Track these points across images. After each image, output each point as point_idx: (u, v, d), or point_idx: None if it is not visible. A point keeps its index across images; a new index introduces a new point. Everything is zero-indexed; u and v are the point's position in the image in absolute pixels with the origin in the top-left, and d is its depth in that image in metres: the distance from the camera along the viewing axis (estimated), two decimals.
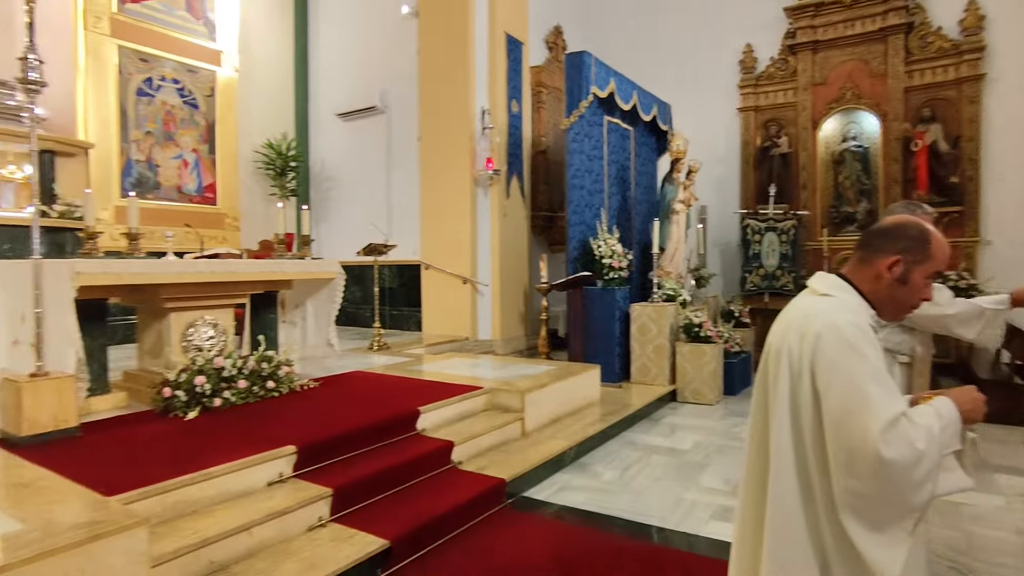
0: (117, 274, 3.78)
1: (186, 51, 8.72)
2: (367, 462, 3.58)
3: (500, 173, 7.97)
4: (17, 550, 2.13)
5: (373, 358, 6.48)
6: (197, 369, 4.02)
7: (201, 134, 8.90)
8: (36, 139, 3.46)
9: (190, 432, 3.64)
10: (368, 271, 8.50)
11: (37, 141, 3.48)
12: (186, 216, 8.30)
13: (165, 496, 2.81)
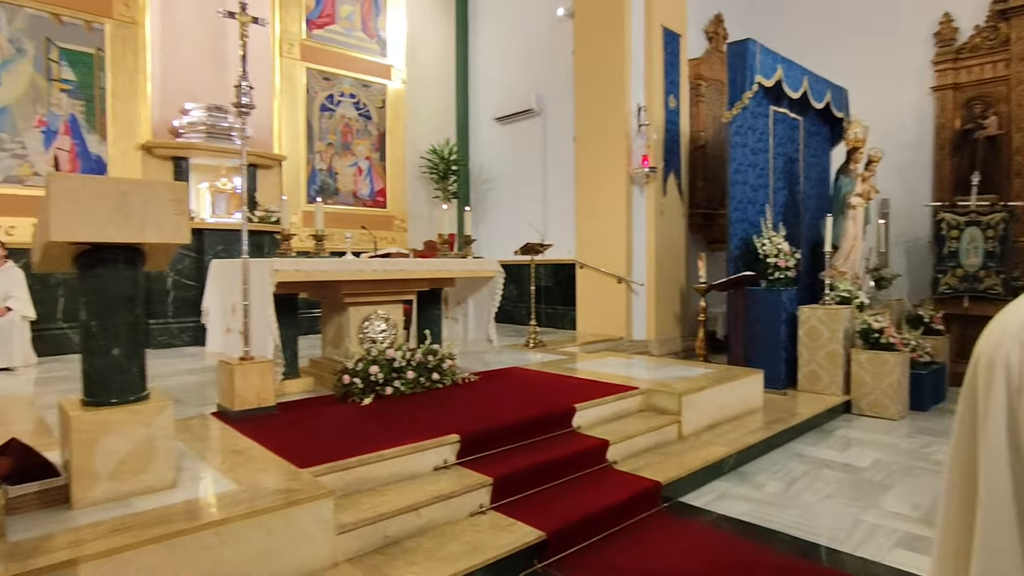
0: (307, 272, 4.24)
1: (361, 68, 9.54)
2: (525, 455, 3.68)
3: (656, 171, 7.79)
4: (233, 507, 2.49)
5: (529, 355, 6.65)
6: (372, 359, 4.40)
7: (373, 143, 9.69)
8: (246, 155, 3.98)
9: (366, 416, 3.98)
10: (524, 270, 8.73)
11: (242, 156, 3.99)
12: (361, 219, 9.09)
13: (346, 472, 3.10)
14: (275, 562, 2.50)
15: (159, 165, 7.68)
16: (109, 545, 2.17)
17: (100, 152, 7.24)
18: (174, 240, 2.58)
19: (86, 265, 2.53)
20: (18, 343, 5.90)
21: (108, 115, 7.28)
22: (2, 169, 6.66)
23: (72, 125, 7.09)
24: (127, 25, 7.42)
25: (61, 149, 6.98)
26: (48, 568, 2.04)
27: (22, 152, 6.78)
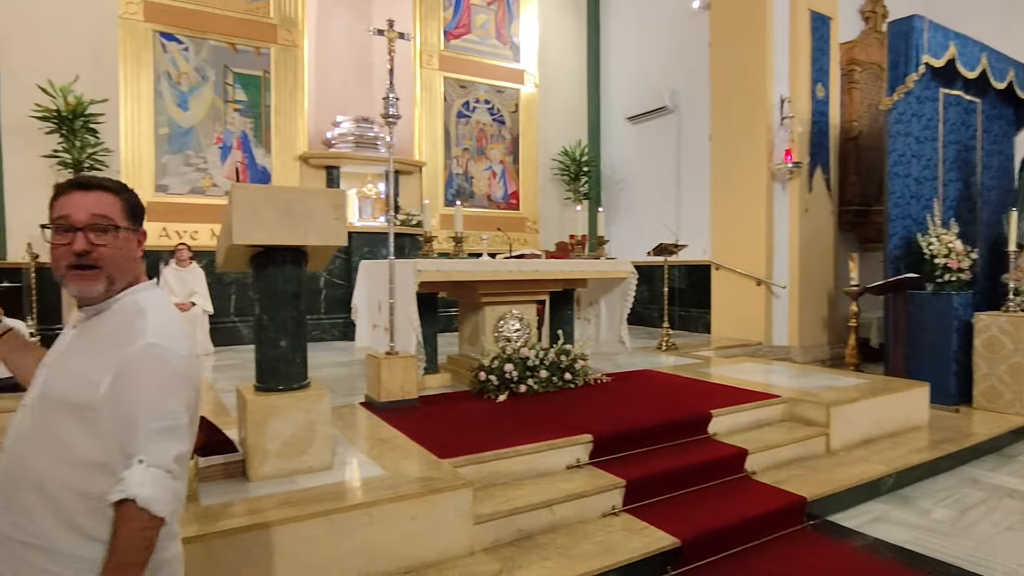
0: (446, 272, 4.45)
1: (495, 74, 9.82)
2: (658, 459, 3.61)
3: (801, 166, 7.30)
4: (382, 491, 2.67)
5: (662, 358, 6.49)
6: (506, 357, 4.52)
7: (507, 147, 9.94)
8: (392, 162, 4.25)
9: (501, 413, 4.10)
10: (656, 271, 8.54)
11: (387, 163, 4.27)
12: (494, 221, 9.34)
13: (483, 465, 3.22)
14: (418, 545, 2.65)
15: (314, 174, 8.39)
16: (281, 515, 2.42)
17: (265, 164, 8.06)
18: (333, 242, 2.82)
19: (259, 265, 2.84)
20: (199, 334, 6.71)
21: (272, 130, 8.08)
22: (188, 181, 7.61)
23: (243, 140, 7.95)
24: (289, 48, 8.19)
25: (240, 162, 7.86)
26: (230, 531, 2.32)
27: (204, 166, 7.71)
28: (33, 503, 1.25)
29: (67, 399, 1.27)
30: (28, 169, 6.95)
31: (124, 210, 1.38)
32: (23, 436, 1.30)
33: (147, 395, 1.25)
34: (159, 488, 1.21)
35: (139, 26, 7.32)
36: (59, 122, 6.78)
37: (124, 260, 1.37)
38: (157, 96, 7.43)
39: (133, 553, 1.21)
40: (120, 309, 1.36)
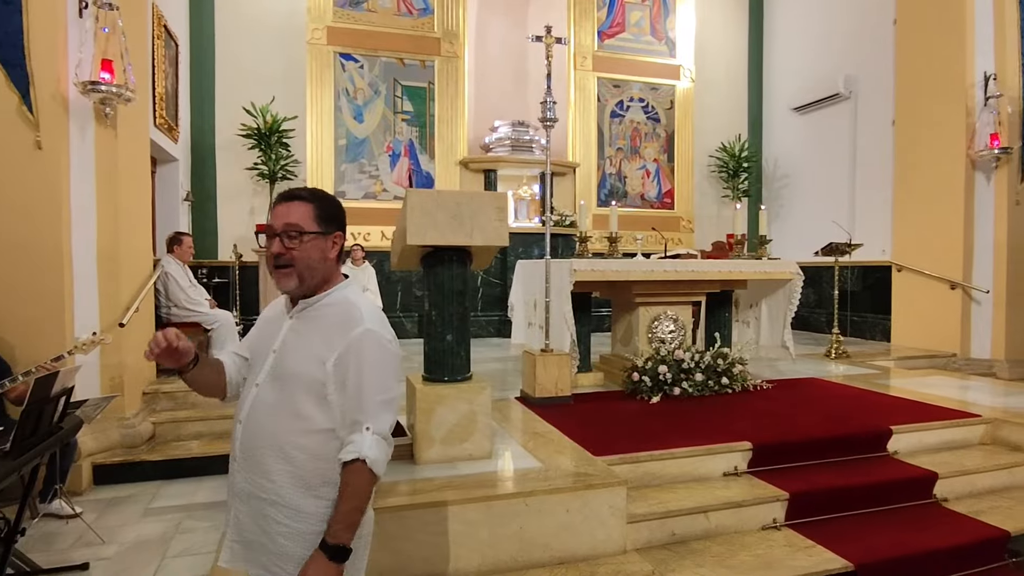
0: (601, 272, 4.48)
1: (650, 72, 9.64)
2: (826, 474, 3.36)
3: (1012, 151, 6.36)
4: (538, 482, 2.77)
5: (830, 366, 6.00)
6: (660, 359, 4.45)
7: (661, 145, 9.72)
8: (550, 165, 4.36)
9: (654, 414, 4.05)
10: (825, 272, 7.90)
11: (541, 165, 4.37)
12: (647, 221, 9.19)
13: (636, 465, 3.20)
14: (571, 538, 2.71)
15: (473, 177, 8.81)
16: (443, 498, 2.60)
17: (429, 169, 8.60)
18: (496, 243, 2.97)
19: (429, 264, 3.06)
20: None
21: (436, 138, 8.60)
22: (362, 187, 8.34)
23: (410, 148, 8.55)
24: (451, 59, 8.66)
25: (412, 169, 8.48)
26: (398, 507, 2.54)
27: (376, 173, 8.40)
28: (272, 465, 1.49)
29: (300, 376, 1.49)
30: (234, 181, 8.03)
31: (314, 217, 1.55)
32: (260, 409, 1.53)
33: (371, 372, 1.46)
34: (380, 452, 1.46)
35: (322, 49, 8.15)
36: (259, 138, 7.75)
37: (312, 261, 1.54)
38: (337, 111, 8.22)
39: (359, 501, 1.45)
40: (334, 302, 1.57)
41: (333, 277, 1.61)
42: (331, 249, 1.58)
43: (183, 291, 5.47)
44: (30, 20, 3.99)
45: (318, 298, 1.58)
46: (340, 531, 1.42)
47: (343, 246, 1.62)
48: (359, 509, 1.46)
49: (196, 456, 4.39)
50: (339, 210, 1.63)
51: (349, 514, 1.44)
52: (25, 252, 3.95)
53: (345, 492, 1.45)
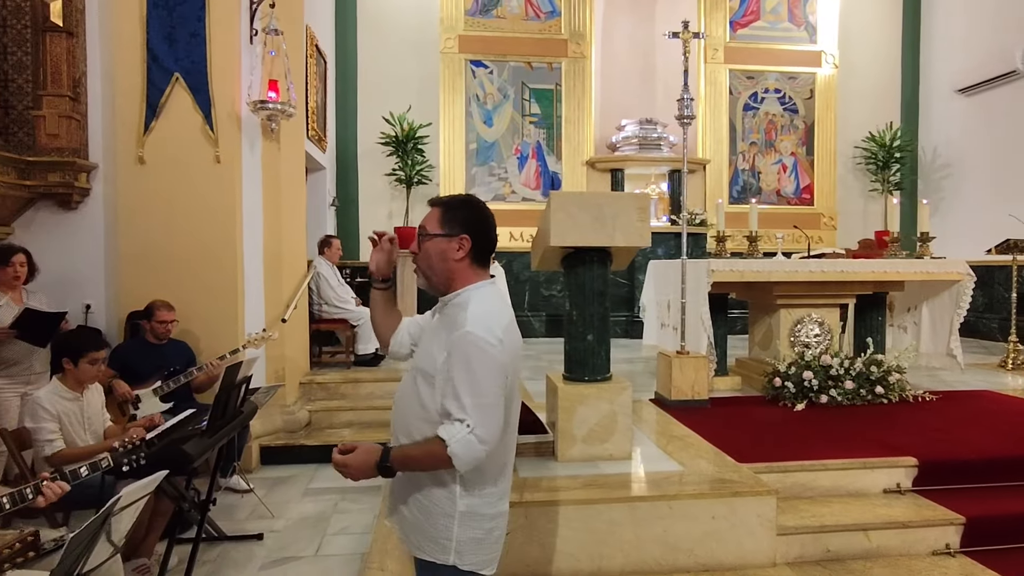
0: (740, 272, 4.31)
1: (787, 60, 9.11)
2: (1010, 499, 3.02)
3: None
4: (682, 485, 2.73)
5: (1006, 378, 5.37)
6: (805, 364, 4.20)
7: (800, 137, 9.16)
8: (686, 163, 4.27)
9: (799, 422, 3.84)
10: (997, 273, 7.07)
11: (669, 163, 4.27)
12: (783, 218, 8.70)
13: (784, 475, 3.06)
14: (717, 546, 2.64)
15: (599, 177, 8.77)
16: (587, 496, 2.64)
17: (556, 170, 8.68)
18: (638, 244, 2.96)
19: (570, 265, 3.10)
20: None
21: (563, 139, 8.67)
22: (492, 190, 8.58)
23: (538, 150, 8.68)
24: (577, 60, 8.69)
25: (540, 170, 8.63)
26: (545, 502, 2.60)
27: (504, 175, 8.61)
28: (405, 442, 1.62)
29: (423, 369, 1.62)
30: (374, 186, 8.56)
31: (439, 220, 1.64)
32: (401, 394, 1.70)
33: (462, 372, 1.50)
34: (465, 448, 1.47)
35: (455, 57, 8.48)
36: (396, 146, 8.21)
37: (432, 260, 1.64)
38: (468, 116, 8.52)
39: (418, 458, 1.54)
40: (459, 303, 1.62)
41: (463, 277, 1.64)
42: (455, 251, 1.62)
43: (333, 290, 5.92)
44: (212, 50, 4.50)
45: (448, 298, 1.65)
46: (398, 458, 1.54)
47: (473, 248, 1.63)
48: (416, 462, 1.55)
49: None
50: (470, 214, 1.66)
51: (406, 456, 1.55)
52: (208, 255, 4.46)
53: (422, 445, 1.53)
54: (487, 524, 1.60)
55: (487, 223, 1.68)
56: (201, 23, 4.49)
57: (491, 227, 1.69)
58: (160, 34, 4.46)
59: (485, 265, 1.68)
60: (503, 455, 1.63)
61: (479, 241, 1.64)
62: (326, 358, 6.28)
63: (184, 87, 4.47)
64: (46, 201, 4.48)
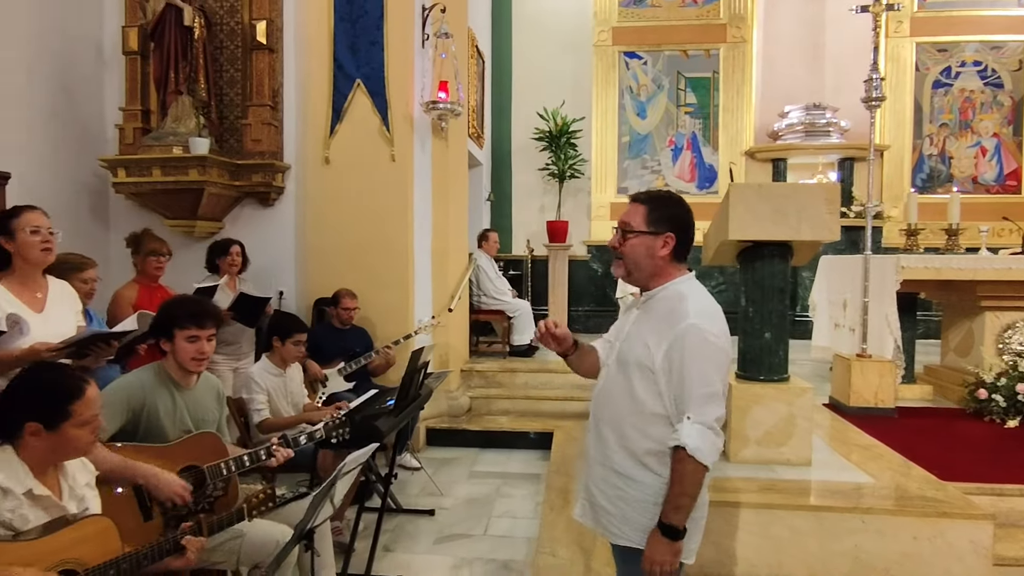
0: (937, 269, 3.87)
1: (990, 27, 8.01)
2: None
3: None
4: (877, 500, 2.52)
5: None
6: (1019, 375, 3.69)
7: (1004, 116, 8.03)
8: (873, 149, 3.91)
9: (1013, 440, 3.38)
10: None
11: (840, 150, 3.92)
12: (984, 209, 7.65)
13: (999, 499, 2.72)
14: (918, 569, 2.41)
15: (759, 168, 8.29)
16: (764, 500, 2.52)
17: (712, 162, 8.33)
18: (825, 238, 2.76)
19: (747, 259, 2.97)
20: None
21: (719, 128, 8.29)
22: (644, 183, 8.41)
23: (693, 141, 8.38)
24: (737, 45, 8.25)
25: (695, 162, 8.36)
26: (719, 503, 2.51)
27: (657, 168, 8.42)
28: (610, 436, 1.68)
29: (636, 361, 1.63)
30: (527, 181, 8.73)
31: (645, 218, 1.68)
32: (605, 388, 1.74)
33: (693, 365, 1.53)
34: (705, 441, 1.52)
35: (608, 50, 8.41)
36: (549, 141, 8.30)
37: (638, 256, 1.68)
38: (620, 109, 8.42)
39: (685, 487, 1.54)
40: (667, 296, 1.67)
41: (667, 272, 1.69)
42: (660, 248, 1.66)
43: (491, 282, 6.14)
44: (389, 56, 4.83)
45: (654, 292, 1.69)
46: (669, 511, 1.55)
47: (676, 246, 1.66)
48: (686, 494, 1.54)
49: (506, 430, 4.91)
50: (675, 212, 1.69)
51: (676, 498, 1.54)
52: (383, 248, 4.80)
53: (672, 477, 1.56)
54: (699, 512, 1.64)
55: (689, 221, 1.71)
56: (380, 31, 4.83)
57: (692, 225, 1.72)
58: (344, 44, 4.86)
59: (684, 260, 1.72)
60: None
61: (683, 238, 1.68)
62: (483, 347, 6.53)
63: (364, 92, 4.85)
64: (250, 199, 5.07)
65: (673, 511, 1.54)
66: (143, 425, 2.12)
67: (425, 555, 3.20)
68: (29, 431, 1.48)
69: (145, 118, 4.86)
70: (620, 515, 1.65)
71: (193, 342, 2.16)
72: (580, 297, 8.36)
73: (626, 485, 1.64)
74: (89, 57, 5.03)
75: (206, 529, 1.75)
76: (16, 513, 1.44)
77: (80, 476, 1.67)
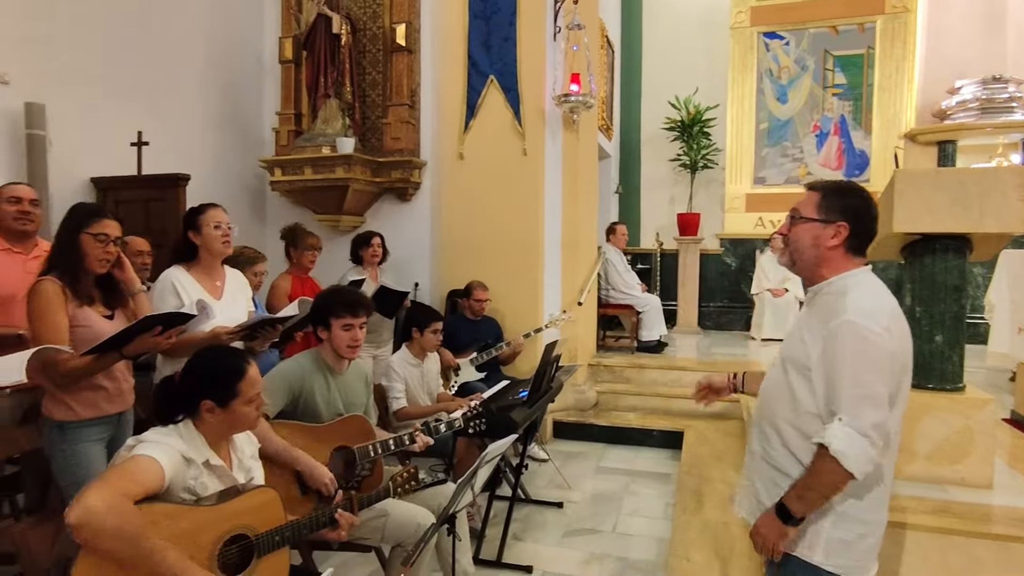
0: None
1: None
2: None
3: None
4: None
5: None
6: None
7: None
8: None
9: None
10: None
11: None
12: None
13: None
14: None
15: (920, 152, 7.46)
16: (938, 523, 2.26)
17: (864, 147, 7.62)
18: (1014, 230, 2.42)
19: (914, 254, 2.66)
20: (792, 319, 6.90)
21: (873, 110, 7.57)
22: (784, 172, 7.88)
23: (841, 125, 7.71)
24: (897, 16, 7.47)
25: (843, 147, 7.72)
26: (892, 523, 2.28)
27: (799, 156, 7.84)
28: (771, 434, 1.63)
29: (795, 360, 1.57)
30: (656, 172, 8.49)
31: (816, 205, 1.60)
32: (769, 386, 1.69)
33: (846, 364, 1.43)
34: (853, 447, 1.40)
35: (745, 32, 7.94)
36: (681, 130, 8.01)
37: (802, 244, 1.61)
38: (759, 94, 7.94)
39: (817, 484, 1.47)
40: (831, 291, 1.57)
41: (836, 264, 1.58)
42: (829, 238, 1.57)
43: (620, 275, 6.04)
44: (521, 50, 4.87)
45: (820, 286, 1.61)
46: (793, 498, 1.49)
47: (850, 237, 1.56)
48: (816, 491, 1.47)
49: (634, 427, 4.81)
50: (852, 202, 1.59)
51: (805, 489, 1.48)
52: (514, 241, 4.86)
53: (807, 471, 1.49)
54: (860, 528, 1.54)
55: (870, 211, 1.59)
56: (512, 27, 4.88)
57: (874, 216, 1.60)
58: (478, 42, 4.96)
59: (862, 254, 1.60)
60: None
61: (858, 229, 1.57)
62: (610, 342, 6.45)
63: (497, 87, 4.92)
64: (389, 195, 5.33)
65: (797, 498, 1.49)
66: (301, 406, 2.29)
67: (554, 547, 3.21)
68: (205, 408, 1.63)
69: (298, 121, 5.26)
70: None
71: (348, 330, 2.31)
72: (712, 293, 8.00)
73: (784, 482, 1.57)
74: (250, 67, 5.53)
75: (356, 505, 1.86)
76: (198, 481, 1.60)
77: (247, 449, 1.83)
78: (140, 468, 1.49)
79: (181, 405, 1.67)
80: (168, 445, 1.56)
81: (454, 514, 1.85)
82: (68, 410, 2.10)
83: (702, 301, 7.76)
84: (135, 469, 1.48)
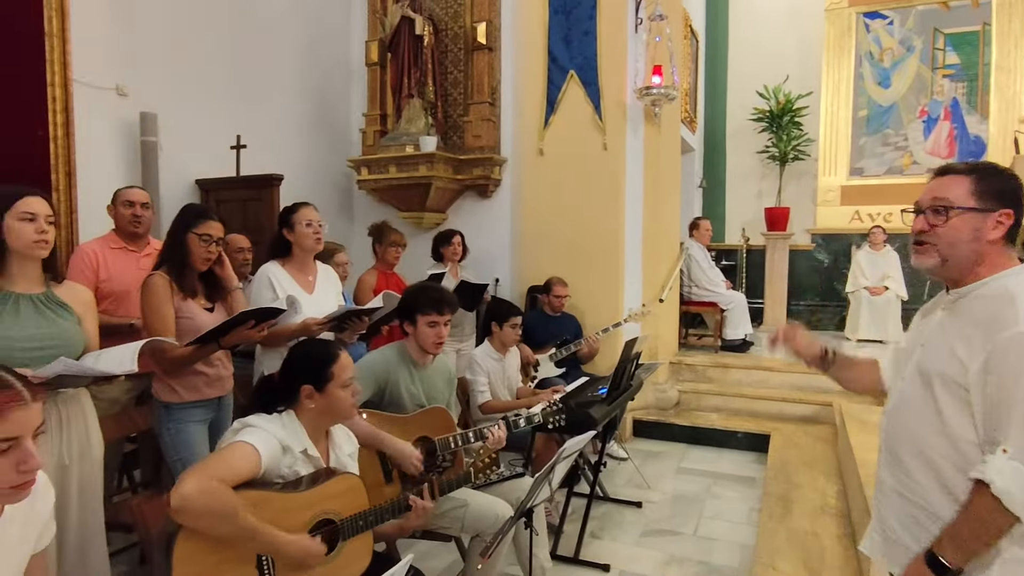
0: None
1: None
2: None
3: None
4: None
5: None
6: None
7: None
8: None
9: None
10: None
11: None
12: None
13: None
14: None
15: None
16: None
17: (979, 132, 7.02)
18: None
19: None
20: (891, 319, 6.47)
21: (991, 91, 6.96)
22: (884, 162, 7.39)
23: (952, 109, 7.14)
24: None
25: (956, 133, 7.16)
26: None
27: (903, 144, 7.33)
28: (913, 465, 1.38)
29: (940, 374, 1.32)
30: (743, 165, 8.17)
31: (970, 191, 1.34)
32: (903, 405, 1.44)
33: (1019, 386, 1.19)
34: (1016, 482, 1.16)
35: (843, 13, 7.49)
36: (770, 120, 7.67)
37: (959, 239, 1.34)
38: (857, 79, 7.48)
39: (975, 527, 1.23)
40: (989, 294, 1.32)
41: (993, 261, 1.34)
42: (991, 230, 1.33)
43: (703, 272, 5.87)
44: (601, 44, 4.81)
45: (971, 287, 1.35)
46: (945, 543, 1.26)
47: (1013, 226, 1.34)
48: (975, 535, 1.22)
49: (716, 428, 4.67)
50: (1011, 185, 1.36)
51: (959, 534, 1.24)
52: (594, 236, 4.82)
53: (963, 510, 1.25)
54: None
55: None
56: (592, 21, 4.83)
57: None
58: (558, 37, 4.94)
59: (1014, 245, 1.37)
60: None
61: (1021, 217, 1.34)
62: (692, 340, 6.28)
63: (577, 82, 4.89)
64: (470, 191, 5.42)
65: (951, 545, 1.25)
66: (386, 397, 2.38)
67: (632, 547, 3.17)
68: (304, 394, 1.72)
69: (383, 121, 5.43)
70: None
71: (433, 327, 2.37)
72: (802, 291, 7.62)
73: (930, 520, 1.34)
74: (339, 71, 5.76)
75: (437, 489, 1.91)
76: (291, 469, 1.69)
77: (345, 446, 1.91)
78: (236, 455, 1.59)
79: (282, 396, 1.77)
80: (269, 432, 1.66)
81: (531, 508, 1.87)
82: (173, 392, 2.29)
83: (791, 299, 7.40)
84: (232, 456, 1.58)
